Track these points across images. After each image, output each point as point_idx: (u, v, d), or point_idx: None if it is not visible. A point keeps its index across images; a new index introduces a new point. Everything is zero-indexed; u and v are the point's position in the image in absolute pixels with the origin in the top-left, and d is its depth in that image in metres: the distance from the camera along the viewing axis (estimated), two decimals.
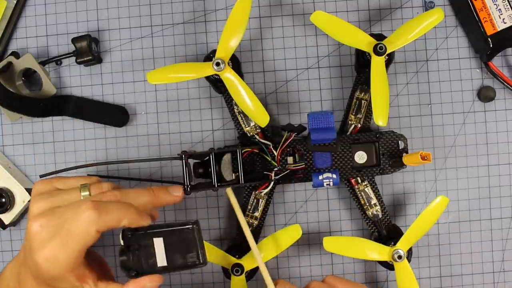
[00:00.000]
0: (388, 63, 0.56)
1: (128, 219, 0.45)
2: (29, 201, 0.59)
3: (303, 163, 0.56)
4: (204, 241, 0.48)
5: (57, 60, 0.60)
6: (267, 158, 0.56)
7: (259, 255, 0.53)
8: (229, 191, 0.53)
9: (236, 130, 0.58)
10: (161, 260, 0.46)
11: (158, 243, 0.46)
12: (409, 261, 0.54)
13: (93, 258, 0.50)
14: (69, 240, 0.44)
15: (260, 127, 0.57)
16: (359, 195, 0.57)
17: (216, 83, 0.57)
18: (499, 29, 0.57)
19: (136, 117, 0.61)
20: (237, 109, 0.57)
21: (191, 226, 0.47)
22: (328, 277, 0.52)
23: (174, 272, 0.47)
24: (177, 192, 0.51)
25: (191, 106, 0.61)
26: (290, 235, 0.55)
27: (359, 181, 0.57)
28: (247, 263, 0.55)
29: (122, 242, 0.46)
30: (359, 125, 0.57)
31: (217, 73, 0.54)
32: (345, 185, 0.58)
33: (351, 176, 0.57)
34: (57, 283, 0.46)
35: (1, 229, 0.60)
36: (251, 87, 0.57)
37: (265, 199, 0.57)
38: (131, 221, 0.46)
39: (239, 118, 0.57)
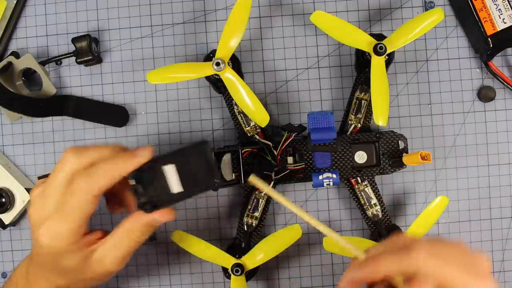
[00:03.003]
0: (388, 63, 0.56)
1: (121, 170, 0.43)
2: (29, 201, 0.59)
3: (303, 163, 0.56)
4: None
5: (57, 60, 0.60)
6: (267, 158, 0.56)
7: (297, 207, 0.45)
8: (253, 177, 0.46)
9: (236, 130, 0.58)
10: (176, 186, 0.44)
11: (170, 170, 0.44)
12: None
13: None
14: (68, 212, 0.43)
15: (260, 127, 0.57)
16: (359, 195, 0.57)
17: (216, 83, 0.57)
18: (499, 29, 0.57)
19: (136, 117, 0.61)
20: (237, 109, 0.57)
21: (201, 146, 0.44)
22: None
23: (190, 197, 0.45)
24: (144, 152, 0.44)
25: (191, 106, 0.61)
26: (290, 235, 0.55)
27: (359, 181, 0.57)
28: (247, 263, 0.55)
29: (133, 181, 0.44)
30: (359, 125, 0.57)
31: (217, 73, 0.54)
32: (345, 185, 0.58)
33: (351, 176, 0.57)
34: (64, 260, 0.45)
35: (1, 229, 0.60)
36: (251, 87, 0.57)
37: (265, 199, 0.57)
38: (127, 168, 0.43)
39: (239, 118, 0.57)
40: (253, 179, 0.46)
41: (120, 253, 0.46)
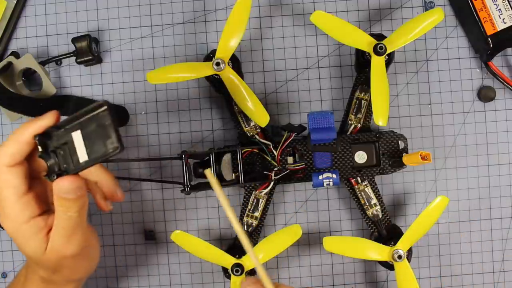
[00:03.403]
0: (388, 63, 0.56)
1: (23, 132, 0.43)
2: None
3: (303, 163, 0.56)
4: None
5: (57, 60, 0.60)
6: (267, 158, 0.56)
7: (248, 244, 0.45)
8: (208, 171, 0.44)
9: (236, 130, 0.58)
10: (83, 154, 0.41)
11: (77, 137, 0.41)
12: (409, 261, 0.54)
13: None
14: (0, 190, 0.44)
15: (260, 127, 0.57)
16: (359, 195, 0.57)
17: (216, 83, 0.57)
18: (499, 29, 0.57)
19: (136, 117, 0.61)
20: (237, 109, 0.57)
21: (105, 107, 0.40)
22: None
23: (94, 164, 0.41)
24: (48, 115, 0.43)
25: (191, 106, 0.61)
26: (290, 235, 0.55)
27: (359, 181, 0.57)
28: (247, 263, 0.55)
29: (40, 148, 0.42)
30: (359, 125, 0.57)
31: (217, 73, 0.54)
32: (345, 185, 0.58)
33: (351, 176, 0.57)
34: (26, 247, 0.45)
35: (1, 229, 0.60)
36: (251, 87, 0.57)
37: (265, 199, 0.57)
38: (28, 131, 0.43)
39: (239, 118, 0.57)
40: (208, 173, 0.43)
41: (61, 234, 0.44)
